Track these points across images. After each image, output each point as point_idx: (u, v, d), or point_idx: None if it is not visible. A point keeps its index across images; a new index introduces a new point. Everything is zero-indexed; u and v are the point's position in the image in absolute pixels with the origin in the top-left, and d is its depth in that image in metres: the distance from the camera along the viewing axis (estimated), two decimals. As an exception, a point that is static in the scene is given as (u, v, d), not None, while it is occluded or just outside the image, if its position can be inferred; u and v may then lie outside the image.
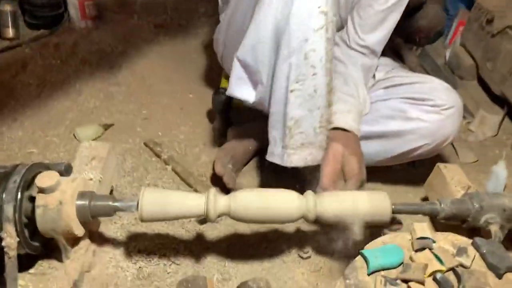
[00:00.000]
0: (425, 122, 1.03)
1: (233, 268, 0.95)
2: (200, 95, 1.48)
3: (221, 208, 0.82)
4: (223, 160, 1.10)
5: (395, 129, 1.05)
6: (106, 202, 0.82)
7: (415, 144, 1.05)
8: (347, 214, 0.83)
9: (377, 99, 1.10)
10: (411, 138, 1.05)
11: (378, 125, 1.07)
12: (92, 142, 0.99)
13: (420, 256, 0.72)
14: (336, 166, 0.92)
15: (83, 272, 0.86)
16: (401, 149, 1.06)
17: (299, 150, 0.90)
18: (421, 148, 1.06)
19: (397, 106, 1.06)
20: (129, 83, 1.50)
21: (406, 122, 1.04)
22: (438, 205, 0.87)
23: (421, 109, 1.04)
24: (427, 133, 1.03)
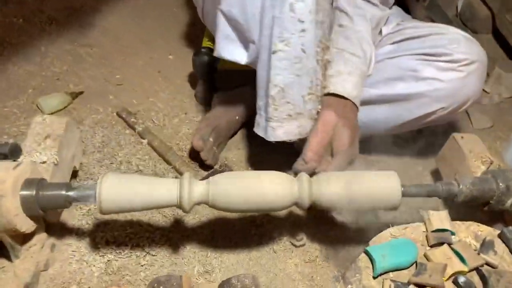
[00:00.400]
0: (441, 82, 0.87)
1: (216, 259, 0.83)
2: (181, 56, 1.31)
3: (197, 196, 0.69)
4: (203, 132, 0.95)
5: (405, 91, 0.89)
6: (58, 192, 0.68)
7: (429, 109, 0.90)
8: (348, 200, 0.70)
9: (384, 56, 0.93)
10: (424, 102, 0.89)
11: (385, 88, 0.91)
12: (47, 116, 0.84)
13: (437, 254, 0.59)
14: (324, 137, 0.77)
15: (38, 271, 0.73)
16: (412, 115, 0.91)
17: (286, 122, 0.76)
18: (435, 114, 0.91)
19: (408, 64, 0.90)
20: (100, 43, 1.33)
21: (418, 83, 0.88)
22: (456, 186, 0.73)
23: (436, 66, 0.87)
24: (444, 95, 0.88)
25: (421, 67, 0.88)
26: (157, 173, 0.97)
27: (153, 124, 1.10)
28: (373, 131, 0.96)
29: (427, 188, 0.73)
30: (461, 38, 0.88)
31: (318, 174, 0.73)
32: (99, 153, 1.01)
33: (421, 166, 1.06)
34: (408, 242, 0.61)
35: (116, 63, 1.27)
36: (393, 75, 0.91)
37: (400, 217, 0.88)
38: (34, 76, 1.19)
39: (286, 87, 0.72)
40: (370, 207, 0.71)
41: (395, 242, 0.62)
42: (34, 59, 1.25)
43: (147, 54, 1.31)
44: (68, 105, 1.12)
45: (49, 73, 1.21)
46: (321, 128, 0.77)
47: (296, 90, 0.73)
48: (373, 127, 0.95)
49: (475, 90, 0.89)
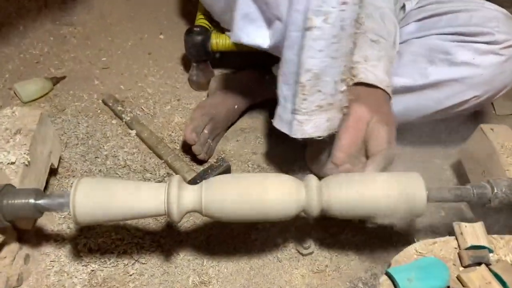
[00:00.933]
0: (477, 68, 0.75)
1: (213, 268, 0.74)
2: (173, 36, 1.19)
3: (187, 205, 0.59)
4: (197, 123, 0.85)
5: (436, 78, 0.77)
6: (26, 200, 0.58)
7: (462, 98, 0.78)
8: (364, 208, 0.60)
9: (408, 37, 0.81)
10: (456, 90, 0.77)
11: (411, 74, 0.79)
12: (17, 109, 0.73)
13: (473, 277, 0.50)
14: (357, 136, 0.67)
15: (9, 288, 0.64)
16: (441, 105, 0.80)
17: (315, 115, 0.64)
18: (467, 103, 0.79)
19: (437, 45, 0.77)
20: (85, 22, 1.22)
21: (451, 69, 0.76)
22: (489, 189, 0.62)
23: (472, 49, 0.75)
24: (480, 83, 0.76)
25: (455, 50, 0.76)
26: (147, 168, 0.87)
27: (143, 113, 0.99)
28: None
29: (456, 192, 0.63)
30: (500, 16, 0.76)
31: (328, 177, 0.63)
32: (82, 146, 0.91)
33: (440, 158, 0.95)
34: (438, 262, 0.51)
35: (101, 44, 1.16)
36: (420, 58, 0.79)
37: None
38: (11, 59, 1.10)
39: (320, 72, 0.60)
40: (389, 216, 0.61)
41: (423, 262, 0.52)
42: (11, 40, 1.14)
43: (136, 34, 1.19)
44: (49, 92, 1.02)
45: (28, 56, 1.11)
46: (353, 125, 0.67)
47: (330, 76, 0.61)
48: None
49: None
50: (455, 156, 0.92)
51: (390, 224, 0.79)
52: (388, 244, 0.77)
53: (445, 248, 0.54)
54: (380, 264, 0.75)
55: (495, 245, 0.54)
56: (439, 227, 0.82)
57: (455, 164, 0.93)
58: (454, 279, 0.51)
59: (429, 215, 0.83)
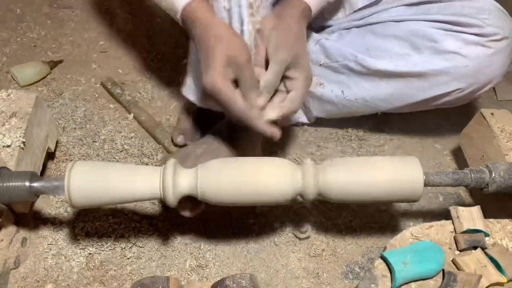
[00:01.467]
0: (463, 58, 0.74)
1: (210, 252, 0.74)
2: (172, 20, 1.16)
3: (183, 188, 0.59)
4: (183, 125, 0.84)
5: (420, 67, 0.76)
6: (21, 183, 0.58)
7: (445, 89, 0.77)
8: (360, 191, 0.59)
9: (393, 18, 0.79)
10: (440, 81, 0.76)
11: (394, 59, 0.77)
12: (12, 92, 0.73)
13: (468, 261, 0.49)
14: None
15: (6, 270, 0.64)
16: (424, 94, 0.78)
17: None
18: (450, 95, 0.78)
19: (424, 31, 0.76)
20: (83, 5, 1.21)
21: (437, 57, 0.75)
22: (487, 174, 0.62)
23: (460, 39, 0.74)
24: (465, 74, 0.75)
25: (443, 38, 0.74)
26: (144, 153, 0.87)
27: (141, 96, 0.98)
28: (375, 110, 0.85)
29: (453, 176, 0.62)
30: (493, 8, 0.74)
31: (325, 161, 0.62)
32: (80, 130, 0.90)
33: (440, 144, 0.95)
34: (434, 246, 0.51)
35: (100, 27, 1.14)
36: (404, 43, 0.77)
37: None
38: (8, 43, 1.09)
39: None
40: (386, 200, 0.61)
41: (418, 246, 0.52)
42: (8, 23, 1.13)
43: (135, 17, 1.17)
44: (46, 76, 1.01)
45: (25, 39, 1.10)
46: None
47: None
48: (376, 106, 0.83)
49: (499, 72, 0.76)
50: (455, 141, 0.91)
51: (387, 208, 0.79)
52: (385, 229, 0.77)
53: (441, 232, 0.54)
54: (376, 248, 0.75)
55: (491, 229, 0.54)
56: (437, 213, 0.81)
57: (455, 149, 0.92)
58: (449, 263, 0.50)
59: (427, 201, 0.83)
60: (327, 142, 0.93)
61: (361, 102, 0.83)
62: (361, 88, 0.81)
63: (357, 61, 0.79)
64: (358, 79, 0.81)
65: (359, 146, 0.91)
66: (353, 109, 0.85)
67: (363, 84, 0.81)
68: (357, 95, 0.82)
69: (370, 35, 0.81)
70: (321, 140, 0.92)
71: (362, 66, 0.79)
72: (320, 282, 0.70)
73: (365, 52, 0.79)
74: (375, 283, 0.50)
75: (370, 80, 0.80)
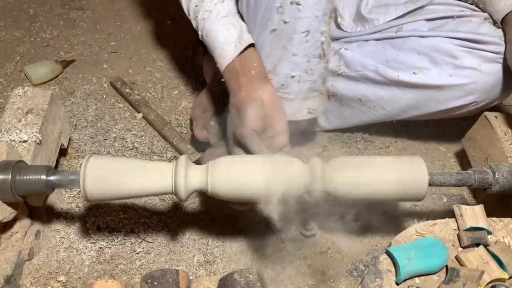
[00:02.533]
0: (482, 74, 0.76)
1: (218, 248, 0.75)
2: (182, 22, 1.20)
3: (194, 184, 0.60)
4: (202, 121, 0.84)
5: (438, 80, 0.78)
6: (38, 176, 0.60)
7: (461, 102, 0.79)
8: (366, 190, 0.61)
9: (414, 34, 0.81)
10: (457, 94, 0.78)
11: (414, 71, 0.79)
12: (29, 88, 0.75)
13: (471, 257, 0.51)
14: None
15: (21, 262, 0.66)
16: (440, 106, 0.81)
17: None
18: (464, 107, 0.81)
19: (444, 48, 0.78)
20: (94, 7, 1.23)
21: (455, 72, 0.77)
22: (491, 174, 0.63)
23: (478, 56, 0.76)
24: (482, 89, 0.77)
25: (462, 54, 0.77)
26: (154, 151, 0.89)
27: (151, 96, 1.00)
28: (391, 118, 0.87)
29: (457, 176, 0.64)
30: None
31: (332, 159, 0.64)
32: (91, 128, 0.92)
33: (444, 146, 0.96)
34: (438, 242, 0.53)
35: (111, 28, 1.17)
36: (424, 57, 0.79)
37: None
38: (22, 42, 1.11)
39: None
40: (391, 198, 0.62)
41: (422, 242, 0.53)
42: (21, 24, 1.16)
43: (145, 19, 1.20)
44: (59, 75, 1.04)
45: (38, 39, 1.12)
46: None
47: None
48: (393, 115, 0.86)
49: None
50: (459, 144, 0.92)
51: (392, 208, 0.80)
52: (390, 228, 0.79)
53: (445, 229, 0.55)
54: (381, 247, 0.76)
55: (494, 227, 0.55)
56: (441, 213, 0.83)
57: (459, 152, 0.93)
58: (452, 259, 0.52)
59: (431, 202, 0.84)
60: (332, 143, 0.94)
61: (378, 110, 0.86)
62: (379, 97, 0.84)
63: (378, 71, 0.81)
64: (377, 89, 0.83)
65: (364, 148, 0.93)
66: (370, 117, 0.88)
67: (381, 93, 0.83)
68: (375, 103, 0.85)
69: (390, 47, 0.82)
70: (328, 141, 0.94)
71: (382, 76, 0.81)
72: (325, 279, 0.71)
73: (384, 64, 0.81)
74: (380, 278, 0.51)
75: (389, 89, 0.83)
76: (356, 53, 0.84)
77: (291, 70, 0.68)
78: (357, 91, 0.85)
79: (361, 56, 0.83)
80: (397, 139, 0.96)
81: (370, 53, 0.83)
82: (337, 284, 0.71)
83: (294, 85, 0.69)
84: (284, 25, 0.65)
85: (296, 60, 0.67)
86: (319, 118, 0.92)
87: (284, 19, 0.65)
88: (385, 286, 0.50)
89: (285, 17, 0.65)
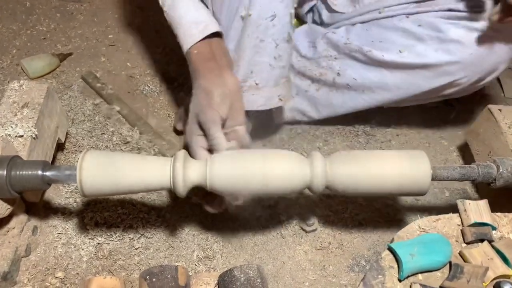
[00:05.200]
0: (466, 47, 0.74)
1: (217, 243, 0.74)
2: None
3: (192, 179, 0.59)
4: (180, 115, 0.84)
5: (424, 58, 0.76)
6: (33, 172, 0.59)
7: (450, 78, 0.77)
8: (368, 185, 0.60)
9: (399, 12, 0.79)
10: (445, 70, 0.76)
11: (399, 50, 0.78)
12: (24, 82, 0.74)
13: (475, 253, 0.50)
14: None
15: (18, 258, 0.65)
16: (429, 84, 0.79)
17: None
18: (456, 84, 0.78)
19: (429, 22, 0.76)
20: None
21: (441, 46, 0.75)
22: (495, 169, 0.62)
23: (464, 26, 0.74)
24: (469, 62, 0.75)
25: (447, 27, 0.75)
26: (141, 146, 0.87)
27: (149, 90, 0.99)
28: (381, 102, 0.85)
29: (461, 170, 0.63)
30: None
31: (333, 154, 0.63)
32: (89, 122, 0.91)
33: (446, 139, 0.95)
34: (441, 238, 0.52)
35: (108, 21, 1.15)
36: (410, 35, 0.78)
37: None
38: (18, 35, 1.10)
39: None
40: (393, 193, 0.61)
41: (425, 238, 0.52)
42: (18, 16, 1.14)
43: (143, 11, 1.18)
44: (56, 68, 1.02)
45: (35, 32, 1.11)
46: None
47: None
48: (382, 98, 0.84)
49: (506, 58, 0.76)
50: (462, 137, 0.91)
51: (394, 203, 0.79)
52: (391, 223, 0.78)
53: (448, 224, 0.54)
54: (382, 242, 0.75)
55: (499, 222, 0.54)
56: (443, 208, 0.82)
57: (462, 145, 0.92)
58: (456, 255, 0.51)
59: (433, 196, 0.83)
60: (334, 137, 0.93)
61: (368, 94, 0.83)
62: (367, 79, 0.82)
63: (363, 52, 0.80)
64: (365, 71, 0.82)
65: (366, 141, 0.92)
66: (360, 102, 0.86)
67: (369, 75, 0.82)
68: (364, 86, 0.83)
69: (375, 27, 0.82)
70: (328, 135, 0.93)
71: (368, 58, 0.80)
72: (326, 274, 0.71)
73: (370, 44, 0.80)
74: (382, 274, 0.50)
75: (376, 71, 0.81)
76: (343, 37, 0.83)
77: (260, 56, 0.67)
78: (345, 75, 0.83)
79: (346, 38, 0.82)
80: (399, 133, 0.95)
81: (356, 35, 0.82)
82: (338, 280, 0.70)
83: (264, 72, 0.68)
84: (251, 11, 0.64)
85: (265, 46, 0.66)
86: (308, 108, 0.90)
87: (250, 5, 0.64)
88: (388, 283, 0.49)
89: (251, 3, 0.64)
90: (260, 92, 0.71)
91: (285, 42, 0.69)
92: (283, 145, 0.89)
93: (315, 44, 0.85)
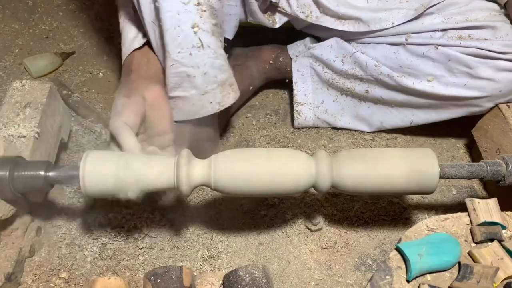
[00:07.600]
0: (497, 83, 0.75)
1: (222, 243, 0.74)
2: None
3: (197, 179, 0.59)
4: None
5: (453, 90, 0.77)
6: (36, 172, 0.58)
7: (477, 109, 0.80)
8: (375, 183, 0.59)
9: (430, 41, 0.78)
10: (473, 103, 0.78)
11: (426, 79, 0.79)
12: (27, 82, 0.73)
13: (485, 253, 0.49)
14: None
15: (22, 259, 0.65)
16: (456, 113, 0.82)
17: None
18: (481, 111, 0.81)
19: (458, 57, 0.76)
20: (94, -4, 1.20)
21: (471, 81, 0.76)
22: (504, 166, 0.61)
23: (493, 66, 0.74)
24: (497, 96, 0.77)
25: (476, 65, 0.75)
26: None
27: (152, 89, 0.98)
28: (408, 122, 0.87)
29: (469, 168, 0.61)
30: None
31: (339, 152, 0.62)
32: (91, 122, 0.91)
33: (453, 136, 0.94)
34: (450, 238, 0.51)
35: (112, 19, 1.14)
36: (439, 65, 0.78)
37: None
38: (20, 34, 1.09)
39: None
40: (400, 192, 0.60)
41: (434, 237, 0.51)
42: (20, 14, 1.13)
43: (146, 8, 1.17)
44: (59, 67, 1.02)
45: (37, 31, 1.10)
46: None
47: None
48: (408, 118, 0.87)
49: None
50: (469, 134, 0.90)
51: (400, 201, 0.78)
52: (397, 221, 0.77)
53: (457, 224, 0.53)
54: (389, 241, 0.74)
55: (508, 221, 0.53)
56: (450, 206, 0.81)
57: (469, 142, 0.91)
58: (465, 255, 0.50)
59: (440, 194, 0.82)
60: (338, 135, 0.92)
61: (397, 109, 0.86)
62: (394, 100, 0.83)
63: (393, 78, 0.80)
64: (392, 92, 0.83)
65: (371, 139, 0.91)
66: (389, 116, 0.87)
67: (396, 96, 0.83)
68: (391, 105, 0.85)
69: (404, 52, 0.80)
70: (333, 133, 0.92)
71: (397, 83, 0.80)
72: (332, 274, 0.70)
73: (399, 69, 0.80)
74: (390, 275, 0.49)
75: (403, 95, 0.82)
76: (370, 56, 0.82)
77: (176, 67, 0.65)
78: (373, 93, 0.84)
79: (375, 60, 0.81)
80: (404, 130, 0.94)
81: (383, 57, 0.81)
82: (345, 279, 0.70)
83: (185, 82, 0.66)
84: (157, 22, 0.64)
85: (177, 57, 0.64)
86: (332, 119, 0.91)
87: (155, 16, 0.64)
88: (396, 283, 0.48)
89: (155, 15, 0.64)
90: (188, 101, 0.69)
91: (198, 49, 0.65)
92: (287, 144, 0.89)
93: (343, 61, 0.84)
